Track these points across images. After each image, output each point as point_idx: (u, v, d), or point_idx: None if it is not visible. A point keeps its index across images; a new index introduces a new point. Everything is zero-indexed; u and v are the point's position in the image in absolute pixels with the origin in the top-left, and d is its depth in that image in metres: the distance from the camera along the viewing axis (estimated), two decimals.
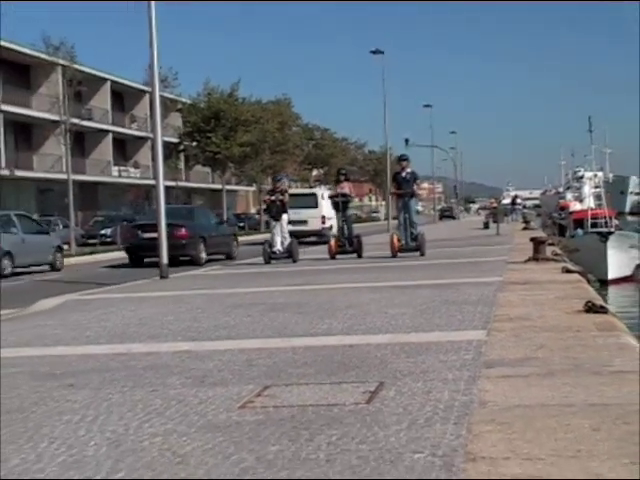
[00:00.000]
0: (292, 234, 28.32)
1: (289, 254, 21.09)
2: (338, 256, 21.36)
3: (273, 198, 21.56)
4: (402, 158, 22.18)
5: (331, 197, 23.38)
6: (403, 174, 21.12)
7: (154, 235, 23.13)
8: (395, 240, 20.61)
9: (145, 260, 26.14)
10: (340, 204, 21.98)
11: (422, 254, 20.34)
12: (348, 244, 21.70)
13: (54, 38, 42.92)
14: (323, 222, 38.52)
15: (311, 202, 39.04)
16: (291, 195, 26.82)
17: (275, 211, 21.36)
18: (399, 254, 20.29)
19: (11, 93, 54.26)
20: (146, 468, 3.93)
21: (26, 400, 5.67)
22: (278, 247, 21.01)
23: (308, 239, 35.45)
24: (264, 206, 23.73)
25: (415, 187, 21.26)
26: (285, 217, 21.45)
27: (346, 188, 22.27)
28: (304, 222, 36.55)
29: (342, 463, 3.84)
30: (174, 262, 25.81)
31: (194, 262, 25.65)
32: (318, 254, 23.61)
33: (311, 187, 64.00)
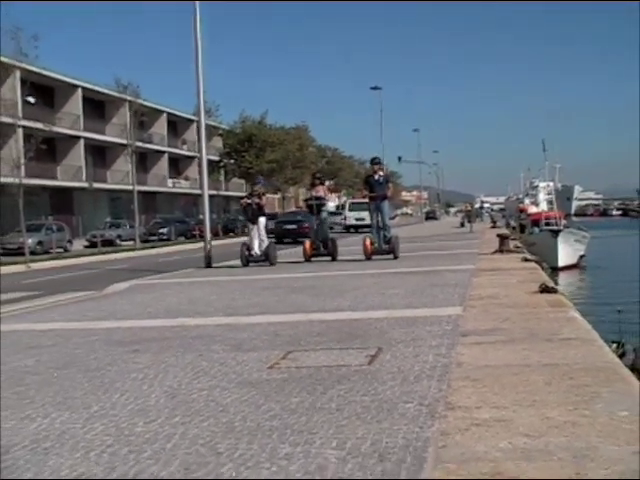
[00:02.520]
0: (355, 227, 37.63)
1: (266, 257, 16.96)
2: (313, 258, 17.41)
3: (249, 201, 17.39)
4: (375, 162, 17.52)
5: (306, 200, 18.74)
6: (376, 177, 16.88)
7: (289, 227, 37.32)
8: (368, 243, 16.59)
9: (284, 240, 34.59)
10: (315, 207, 17.82)
11: (395, 257, 16.31)
12: (323, 247, 17.55)
13: (123, 79, 43.41)
14: None
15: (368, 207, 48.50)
16: (355, 203, 34.10)
17: (251, 214, 17.23)
18: (373, 257, 16.39)
19: (91, 123, 54.60)
20: (195, 415, 3.95)
21: (102, 361, 5.71)
22: (256, 250, 16.99)
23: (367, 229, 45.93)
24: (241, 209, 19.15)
25: (388, 191, 16.91)
26: (262, 220, 17.24)
27: (321, 191, 18.15)
28: (364, 219, 44.87)
29: (349, 411, 3.85)
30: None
31: None
32: (295, 257, 18.79)
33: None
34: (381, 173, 17.18)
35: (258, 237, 17.14)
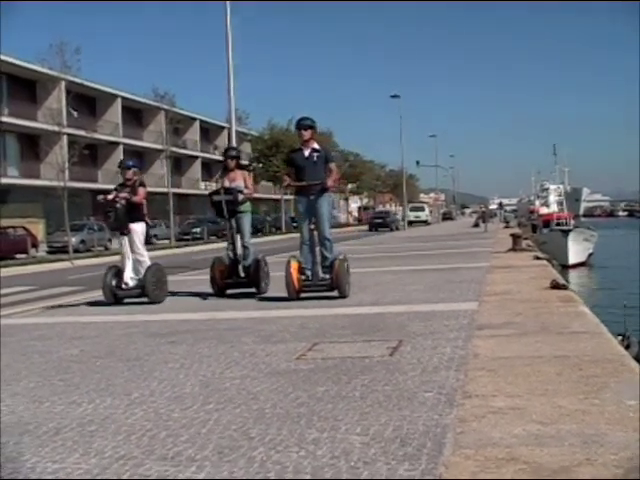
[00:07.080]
0: (412, 223, 52.78)
1: (143, 290, 9.27)
2: (229, 291, 9.95)
3: (111, 197, 9.37)
4: (303, 124, 8.80)
5: (210, 195, 9.87)
6: (306, 153, 8.77)
7: (378, 221, 55.23)
8: (294, 271, 8.57)
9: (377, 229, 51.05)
10: (224, 205, 9.48)
11: (342, 295, 8.60)
12: (242, 272, 9.82)
13: (160, 89, 43.83)
14: (427, 217, 69.50)
15: (422, 208, 69.99)
16: (413, 207, 50.23)
17: (115, 218, 9.34)
18: (302, 294, 8.64)
19: (129, 130, 55.12)
20: (228, 402, 3.96)
21: (142, 352, 5.75)
22: (127, 279, 9.38)
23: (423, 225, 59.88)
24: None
25: (329, 177, 8.74)
26: (138, 227, 9.52)
27: (238, 180, 9.86)
28: (419, 217, 62.98)
29: (372, 399, 3.84)
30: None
31: (391, 230, 49.99)
32: (202, 285, 11.26)
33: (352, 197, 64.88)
34: (316, 146, 8.90)
35: (132, 256, 9.49)
